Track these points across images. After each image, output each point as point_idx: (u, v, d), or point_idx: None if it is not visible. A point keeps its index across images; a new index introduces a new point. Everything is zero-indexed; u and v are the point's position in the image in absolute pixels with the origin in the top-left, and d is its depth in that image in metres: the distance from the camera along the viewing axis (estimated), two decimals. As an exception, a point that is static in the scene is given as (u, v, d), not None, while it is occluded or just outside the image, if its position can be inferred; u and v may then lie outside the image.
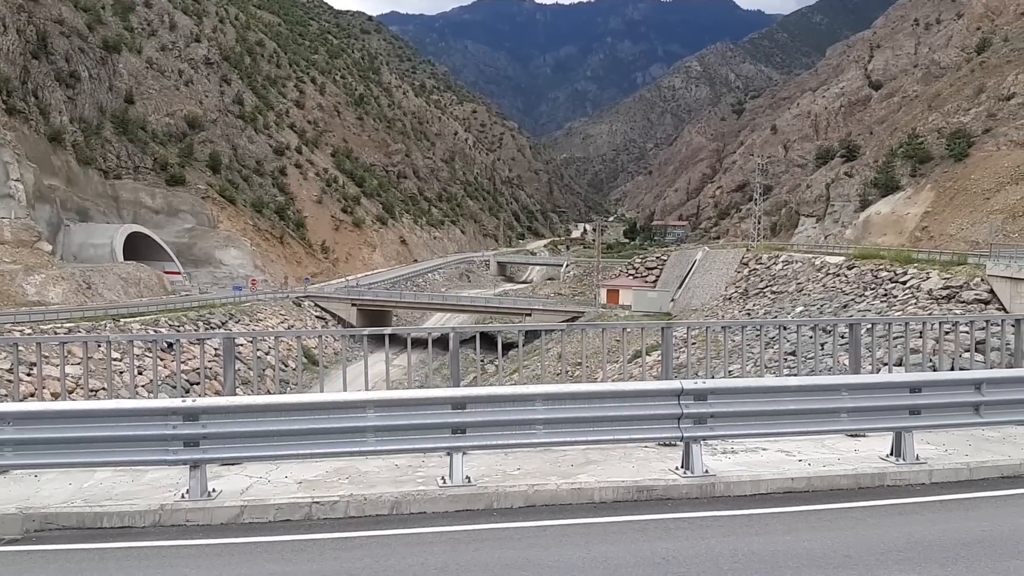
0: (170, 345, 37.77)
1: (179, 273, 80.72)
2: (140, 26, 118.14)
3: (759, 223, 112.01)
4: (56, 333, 42.20)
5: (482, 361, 54.97)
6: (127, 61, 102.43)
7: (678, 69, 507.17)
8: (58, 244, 70.64)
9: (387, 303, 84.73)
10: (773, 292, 63.33)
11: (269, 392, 26.85)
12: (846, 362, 10.84)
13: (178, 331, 52.27)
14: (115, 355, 32.50)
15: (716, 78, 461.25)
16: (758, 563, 6.13)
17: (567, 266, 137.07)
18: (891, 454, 8.77)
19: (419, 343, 30.04)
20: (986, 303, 39.92)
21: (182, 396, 7.77)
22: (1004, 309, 38.22)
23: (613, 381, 10.18)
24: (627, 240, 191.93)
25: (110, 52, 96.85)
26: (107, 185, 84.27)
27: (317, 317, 78.58)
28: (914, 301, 42.62)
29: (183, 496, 7.55)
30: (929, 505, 7.68)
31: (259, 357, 35.24)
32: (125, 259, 73.29)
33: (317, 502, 7.50)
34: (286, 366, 43.53)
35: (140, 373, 36.46)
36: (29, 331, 42.73)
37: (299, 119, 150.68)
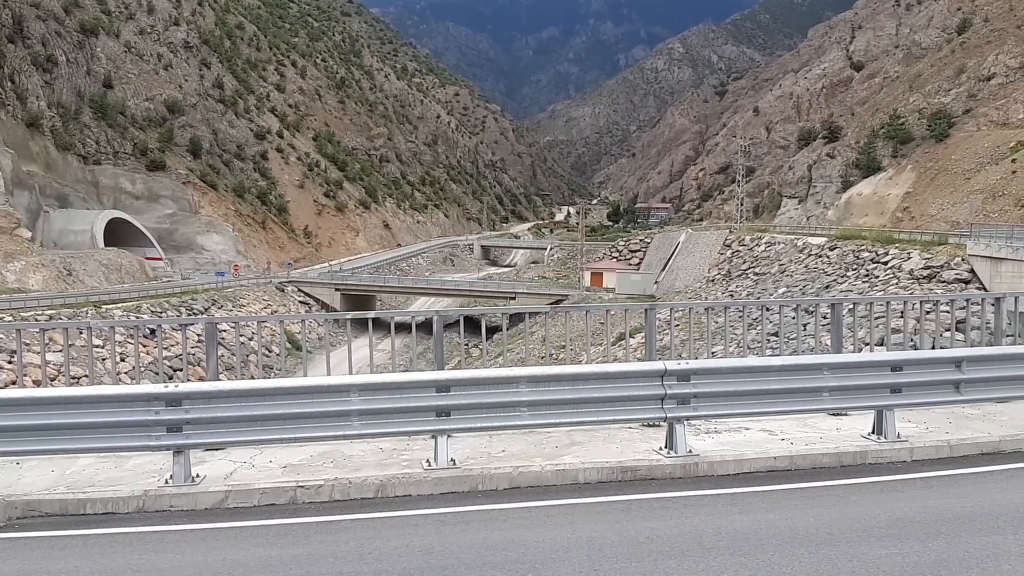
0: (152, 331, 37.56)
1: (161, 259, 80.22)
2: (118, 9, 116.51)
3: (742, 205, 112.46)
4: (37, 320, 41.85)
5: (466, 345, 54.97)
6: (105, 45, 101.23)
7: (661, 51, 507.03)
8: (38, 231, 69.99)
9: (371, 287, 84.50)
10: (756, 273, 63.60)
11: (253, 377, 26.74)
12: (828, 342, 10.90)
13: (160, 317, 51.99)
14: (97, 342, 32.30)
15: (699, 60, 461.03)
16: (741, 541, 6.17)
17: (551, 249, 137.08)
18: (873, 432, 8.84)
19: (403, 327, 30.10)
20: (967, 282, 40.28)
21: (164, 382, 7.72)
22: (984, 288, 38.56)
23: (597, 363, 10.19)
24: (611, 223, 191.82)
25: (87, 36, 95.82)
26: (86, 171, 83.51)
27: (300, 302, 78.38)
28: (895, 281, 42.90)
29: (167, 482, 7.53)
30: (910, 482, 7.75)
31: (242, 342, 35.11)
32: (106, 245, 72.74)
33: (302, 486, 7.49)
34: (270, 351, 43.40)
35: (122, 359, 36.25)
36: (9, 318, 42.36)
37: (280, 103, 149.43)
